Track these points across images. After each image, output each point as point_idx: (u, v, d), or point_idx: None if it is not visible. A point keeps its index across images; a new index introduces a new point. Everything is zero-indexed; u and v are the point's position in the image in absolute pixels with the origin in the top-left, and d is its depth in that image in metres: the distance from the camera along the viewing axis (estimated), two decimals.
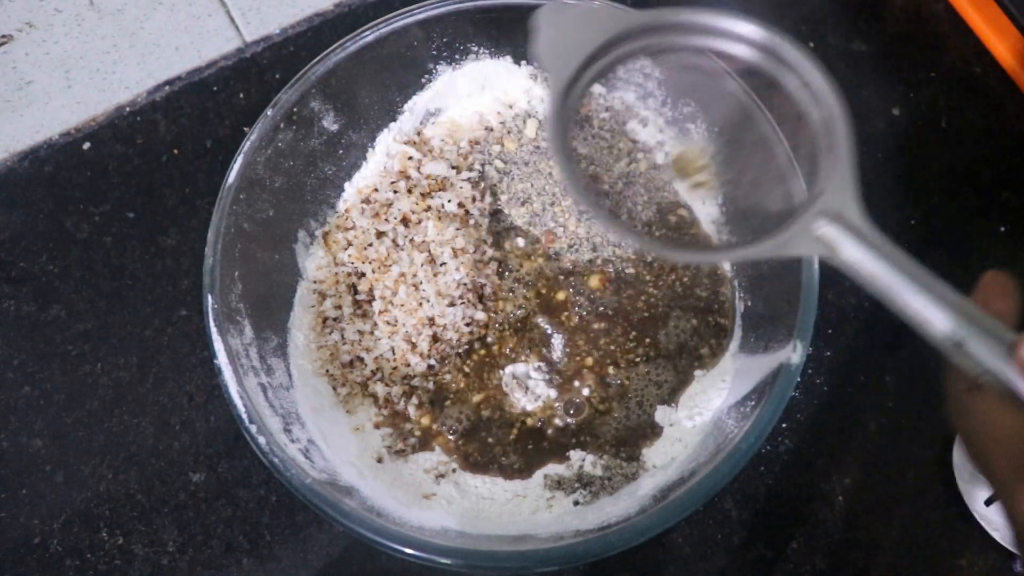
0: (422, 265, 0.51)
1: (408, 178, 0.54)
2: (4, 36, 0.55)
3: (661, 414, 0.49)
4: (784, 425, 0.53)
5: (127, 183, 0.60)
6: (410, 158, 0.55)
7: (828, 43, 0.65)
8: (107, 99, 0.62)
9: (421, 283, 0.51)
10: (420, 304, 0.51)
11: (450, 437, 0.49)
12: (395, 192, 0.53)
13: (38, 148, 0.61)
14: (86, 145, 0.61)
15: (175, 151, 0.61)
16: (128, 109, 0.62)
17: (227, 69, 0.64)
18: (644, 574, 0.50)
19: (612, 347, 0.51)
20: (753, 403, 0.43)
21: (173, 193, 0.59)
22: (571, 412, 0.50)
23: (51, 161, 0.61)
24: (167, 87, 0.63)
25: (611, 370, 0.51)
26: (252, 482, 0.52)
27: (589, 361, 0.51)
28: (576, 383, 0.51)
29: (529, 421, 0.50)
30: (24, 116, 0.61)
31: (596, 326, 0.52)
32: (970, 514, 0.50)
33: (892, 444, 0.53)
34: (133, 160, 0.61)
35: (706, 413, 0.48)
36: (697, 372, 0.50)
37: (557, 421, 0.50)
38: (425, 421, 0.50)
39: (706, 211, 0.54)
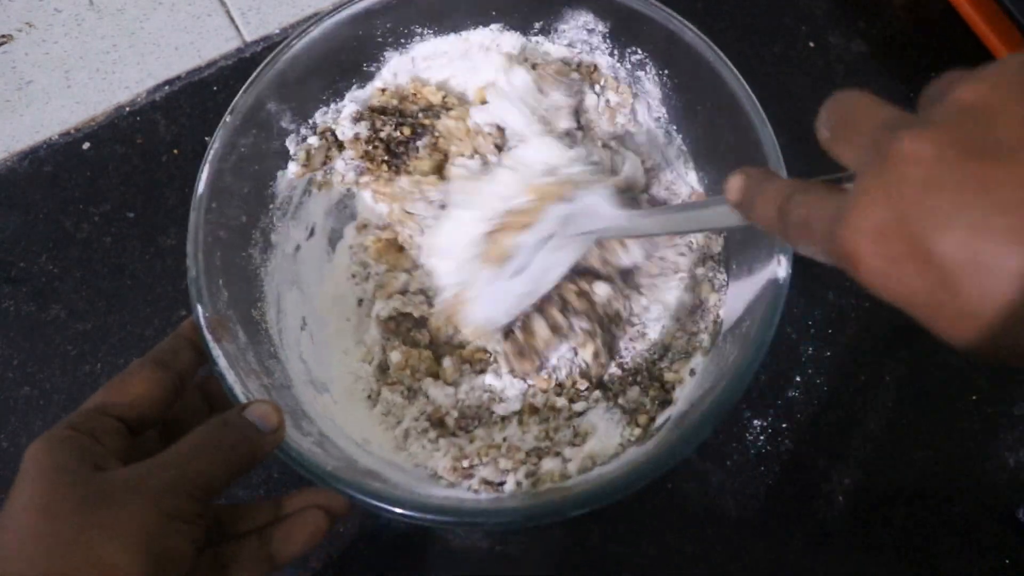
0: None
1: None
2: (4, 36, 0.55)
3: None
4: (784, 425, 0.53)
5: (127, 183, 0.60)
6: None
7: (828, 43, 0.65)
8: (107, 99, 0.62)
9: None
10: None
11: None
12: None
13: (38, 148, 0.61)
14: (86, 145, 0.61)
15: (175, 151, 0.61)
16: (128, 109, 0.62)
17: (227, 69, 0.64)
18: (644, 574, 0.50)
19: None
20: (748, 323, 0.43)
21: (173, 193, 0.59)
22: None
23: (51, 161, 0.60)
24: (167, 87, 0.63)
25: None
26: (252, 482, 0.52)
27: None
28: None
29: None
30: (24, 116, 0.61)
31: None
32: (970, 513, 0.50)
33: (892, 444, 0.53)
34: (133, 160, 0.60)
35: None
36: None
37: None
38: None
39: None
